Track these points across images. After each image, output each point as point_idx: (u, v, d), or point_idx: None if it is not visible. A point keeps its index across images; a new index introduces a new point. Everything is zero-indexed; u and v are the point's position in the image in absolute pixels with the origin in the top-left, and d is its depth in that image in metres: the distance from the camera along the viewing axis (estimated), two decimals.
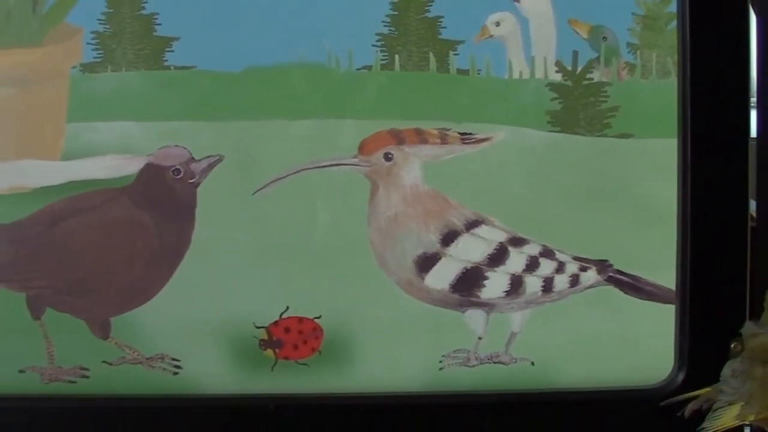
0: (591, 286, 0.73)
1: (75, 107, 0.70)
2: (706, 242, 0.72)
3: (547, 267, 0.72)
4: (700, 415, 0.66)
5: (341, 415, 0.73)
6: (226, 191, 0.71)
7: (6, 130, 0.71)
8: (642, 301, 0.73)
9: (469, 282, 0.72)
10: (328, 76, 0.71)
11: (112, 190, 0.71)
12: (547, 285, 0.73)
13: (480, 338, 0.73)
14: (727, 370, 0.65)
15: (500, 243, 0.72)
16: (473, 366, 0.73)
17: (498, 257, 0.72)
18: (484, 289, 0.73)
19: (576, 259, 0.73)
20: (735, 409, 0.64)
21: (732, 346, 0.66)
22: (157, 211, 0.71)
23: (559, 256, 0.72)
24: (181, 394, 0.72)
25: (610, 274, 0.73)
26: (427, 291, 0.72)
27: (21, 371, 0.71)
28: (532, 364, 0.73)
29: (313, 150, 0.71)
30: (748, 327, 0.65)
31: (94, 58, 0.70)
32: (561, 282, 0.73)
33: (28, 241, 0.70)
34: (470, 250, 0.72)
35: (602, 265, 0.72)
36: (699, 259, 0.72)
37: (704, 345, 0.71)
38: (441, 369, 0.73)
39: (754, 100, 0.73)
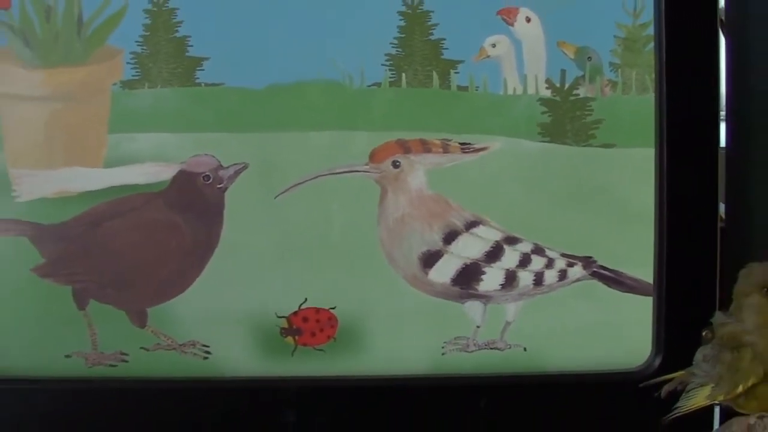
0: (577, 280, 0.76)
1: (116, 120, 0.74)
2: (681, 241, 0.75)
3: (538, 263, 0.76)
4: (675, 396, 0.69)
5: (354, 396, 0.76)
6: (251, 195, 0.74)
7: (54, 140, 0.74)
8: (623, 293, 0.76)
9: (468, 276, 0.76)
10: (342, 92, 0.74)
11: (149, 194, 0.74)
12: (538, 279, 0.76)
13: (478, 327, 0.77)
14: (699, 356, 0.69)
15: (496, 241, 0.76)
16: (472, 351, 0.77)
17: (494, 254, 0.76)
18: (481, 283, 0.76)
19: (564, 255, 0.76)
20: (706, 391, 0.67)
21: (703, 334, 0.69)
22: (189, 213, 0.74)
23: (549, 253, 0.76)
24: (210, 377, 0.75)
25: (595, 269, 0.76)
26: (430, 284, 0.76)
27: (67, 356, 0.74)
28: (525, 350, 0.77)
29: (328, 158, 0.75)
30: (718, 317, 0.68)
31: (133, 76, 0.73)
32: (550, 276, 0.76)
33: (74, 240, 0.74)
34: (469, 247, 0.76)
35: (587, 261, 0.76)
36: (674, 256, 0.75)
37: (678, 333, 0.75)
38: (443, 354, 0.76)
39: (723, 113, 0.77)
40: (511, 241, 0.76)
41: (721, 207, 0.77)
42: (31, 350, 0.75)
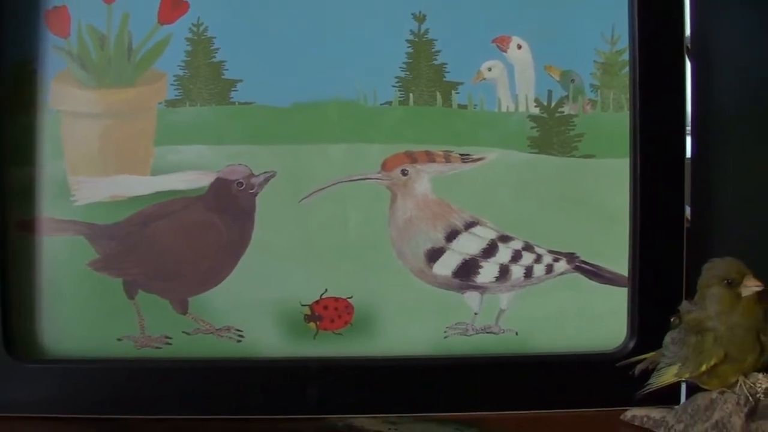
0: (562, 273, 0.79)
1: (161, 134, 0.77)
2: (652, 240, 0.78)
3: (527, 258, 0.79)
4: (647, 374, 0.73)
5: (369, 373, 0.78)
6: (279, 199, 0.78)
7: (107, 152, 0.77)
8: (601, 285, 0.79)
9: (467, 270, 0.79)
10: (358, 110, 0.78)
11: (190, 198, 0.77)
12: (528, 272, 0.80)
13: (476, 314, 0.80)
14: (667, 339, 0.72)
15: (491, 240, 0.79)
16: (470, 335, 0.80)
17: (490, 251, 0.79)
18: (479, 276, 0.80)
19: (550, 252, 0.79)
20: (674, 369, 0.71)
21: (671, 320, 0.73)
22: (225, 215, 0.78)
23: (537, 249, 0.79)
24: (242, 358, 0.78)
25: (577, 263, 0.79)
26: (434, 277, 0.79)
27: (119, 339, 0.78)
28: (516, 334, 0.80)
29: (345, 167, 0.78)
30: (684, 305, 0.72)
31: (176, 96, 0.77)
32: (539, 270, 0.79)
33: (124, 238, 0.77)
34: (468, 245, 0.79)
35: (571, 257, 0.79)
36: (646, 252, 0.78)
37: (650, 319, 0.77)
38: (446, 337, 0.79)
39: (689, 128, 0.80)
40: (505, 239, 0.79)
41: (687, 210, 0.80)
42: (88, 334, 0.78)
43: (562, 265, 0.80)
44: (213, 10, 0.77)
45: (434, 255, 0.79)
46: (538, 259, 0.80)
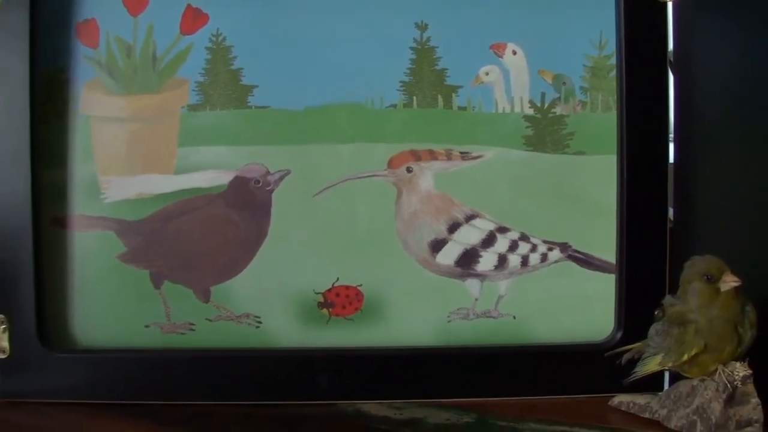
0: (556, 262, 0.82)
1: (183, 136, 0.79)
2: (638, 240, 0.80)
3: (524, 248, 0.81)
4: (633, 363, 0.76)
5: (375, 362, 0.80)
6: (293, 195, 0.80)
7: (135, 152, 0.80)
8: (592, 272, 0.82)
9: (468, 259, 0.81)
10: (366, 113, 0.80)
11: (211, 195, 0.80)
12: (524, 261, 0.82)
13: (476, 299, 0.82)
14: (652, 330, 0.75)
15: (490, 231, 0.81)
16: (472, 319, 0.82)
17: (489, 241, 0.81)
18: (479, 264, 0.82)
19: (545, 242, 0.81)
20: (657, 359, 0.73)
21: (656, 313, 0.75)
22: (244, 211, 0.80)
23: (533, 240, 0.81)
24: (258, 348, 0.80)
25: (570, 252, 0.82)
26: (437, 266, 0.81)
27: (146, 326, 0.80)
28: (514, 318, 0.82)
29: (355, 165, 0.80)
30: (668, 299, 0.74)
31: (197, 101, 0.80)
32: (534, 258, 0.82)
33: (151, 232, 0.79)
34: (469, 236, 0.81)
35: (564, 246, 0.82)
36: (632, 251, 0.80)
37: (636, 312, 0.79)
38: (449, 322, 0.82)
39: (671, 135, 0.81)
40: (503, 230, 0.81)
41: (671, 211, 0.82)
42: (117, 322, 0.80)
43: (555, 254, 0.82)
44: (231, 21, 0.80)
45: (437, 245, 0.81)
46: (534, 248, 0.82)
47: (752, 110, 0.76)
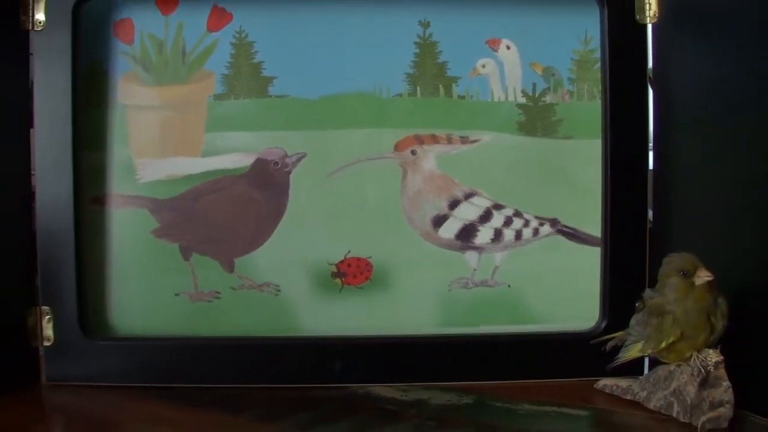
0: (546, 236, 0.85)
1: (210, 123, 0.83)
2: (619, 240, 0.82)
3: (517, 223, 0.84)
4: (616, 350, 0.78)
5: (383, 350, 0.83)
6: (309, 176, 0.84)
7: (166, 138, 0.83)
8: (579, 245, 0.85)
9: (467, 233, 0.85)
10: (374, 101, 0.84)
11: (235, 176, 0.83)
12: (518, 235, 0.85)
13: (475, 270, 0.85)
14: (633, 321, 0.77)
15: (487, 207, 0.84)
16: (471, 288, 0.85)
17: (486, 217, 0.84)
18: (476, 238, 0.85)
19: (537, 217, 0.85)
20: (638, 346, 0.76)
21: (636, 305, 0.77)
22: (264, 190, 0.83)
23: (525, 215, 0.85)
24: (280, 337, 0.83)
25: (559, 227, 0.85)
26: (439, 239, 0.84)
27: (176, 294, 0.84)
28: (509, 286, 0.85)
29: (364, 149, 0.84)
30: (647, 292, 0.76)
31: (222, 91, 0.83)
32: (527, 233, 0.85)
33: (181, 210, 0.83)
34: (468, 212, 0.84)
35: (554, 222, 0.85)
36: (615, 250, 0.83)
37: (618, 304, 0.82)
38: (449, 290, 0.85)
39: (651, 144, 0.84)
40: (498, 207, 0.84)
41: (650, 213, 0.84)
42: (149, 291, 0.84)
43: (546, 229, 0.85)
44: (253, 19, 0.83)
45: (439, 221, 0.84)
46: (526, 223, 0.84)
47: (724, 121, 0.78)
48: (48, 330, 0.83)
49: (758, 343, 0.73)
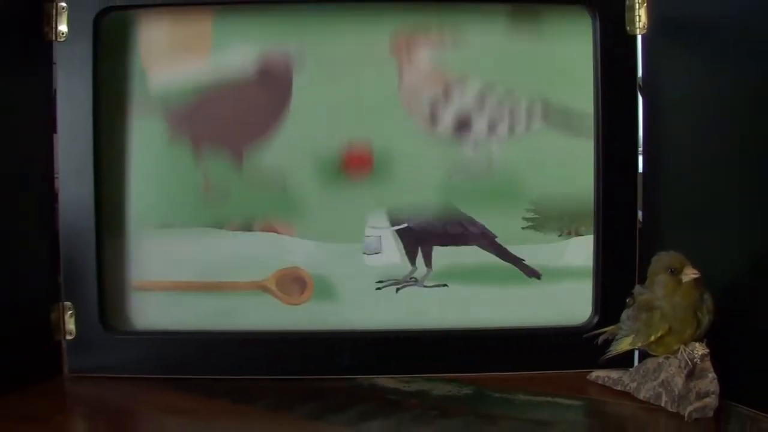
0: (538, 129, 0.87)
1: (217, 34, 0.87)
2: (611, 240, 0.85)
3: (511, 112, 0.87)
4: (608, 343, 0.81)
5: (388, 343, 0.86)
6: (311, 76, 0.87)
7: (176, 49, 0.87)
8: (569, 139, 0.87)
9: (463, 123, 0.88)
10: (370, 8, 0.86)
11: (242, 78, 0.87)
12: (511, 129, 0.88)
13: (473, 159, 0.87)
14: (624, 315, 0.79)
15: (481, 94, 0.87)
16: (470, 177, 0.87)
17: (480, 106, 0.87)
18: (473, 128, 0.88)
19: (529, 98, 0.87)
20: (629, 339, 0.78)
21: (627, 300, 0.79)
22: (270, 89, 0.88)
23: (517, 94, 0.87)
24: (290, 330, 0.86)
25: (551, 112, 0.86)
26: (437, 130, 0.87)
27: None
28: (507, 176, 0.88)
29: (360, 51, 0.87)
30: (637, 289, 0.78)
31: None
32: (519, 127, 0.88)
33: (192, 110, 0.88)
34: (463, 102, 0.87)
35: (545, 102, 0.87)
36: (607, 249, 0.86)
37: (610, 300, 0.84)
38: (449, 178, 0.88)
39: (641, 149, 0.87)
40: (491, 90, 0.87)
41: (640, 214, 0.86)
42: (167, 199, 0.87)
43: (537, 116, 0.88)
44: None
45: (436, 112, 0.87)
46: (518, 109, 0.87)
47: (710, 127, 0.79)
48: (70, 324, 0.86)
49: (742, 336, 0.75)
